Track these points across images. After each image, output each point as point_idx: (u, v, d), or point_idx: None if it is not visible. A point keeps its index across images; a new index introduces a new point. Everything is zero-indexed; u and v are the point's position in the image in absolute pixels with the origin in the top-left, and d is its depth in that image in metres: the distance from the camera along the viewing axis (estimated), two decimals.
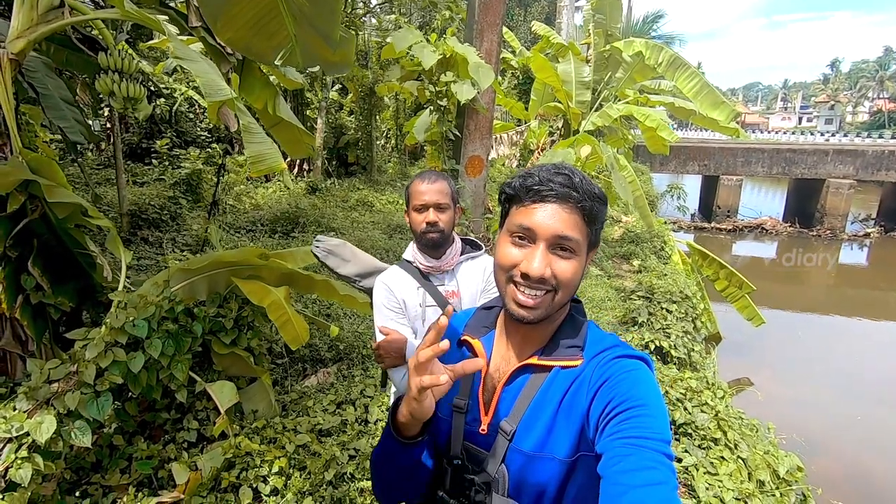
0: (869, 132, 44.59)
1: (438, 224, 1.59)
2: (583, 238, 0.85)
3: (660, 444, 0.69)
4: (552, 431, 0.85)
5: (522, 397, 0.89)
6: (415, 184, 1.64)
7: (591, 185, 0.87)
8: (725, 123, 5.57)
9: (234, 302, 2.99)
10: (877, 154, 16.25)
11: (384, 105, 12.25)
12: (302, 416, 3.04)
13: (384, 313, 1.67)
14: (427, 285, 1.67)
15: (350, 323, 4.18)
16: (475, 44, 2.69)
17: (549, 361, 0.88)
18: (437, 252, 1.66)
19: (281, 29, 1.43)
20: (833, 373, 8.15)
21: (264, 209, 7.76)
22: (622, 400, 0.75)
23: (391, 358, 1.58)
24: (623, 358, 0.83)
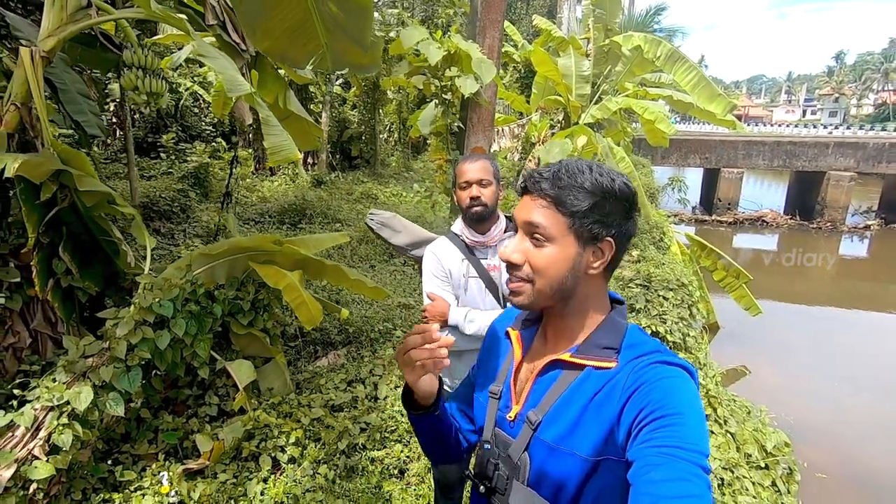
0: (872, 125, 44.40)
1: (481, 198, 1.74)
2: (555, 226, 0.86)
3: (696, 455, 0.67)
4: (577, 428, 0.84)
5: (552, 391, 0.89)
6: (460, 164, 1.80)
7: (574, 177, 0.86)
8: (722, 116, 5.69)
9: (251, 285, 3.17)
10: (878, 146, 16.32)
11: (387, 99, 12.37)
12: (315, 393, 3.22)
13: (432, 280, 1.83)
14: (471, 258, 1.82)
15: (358, 308, 4.37)
16: (478, 40, 2.83)
17: (582, 360, 0.87)
18: (483, 227, 1.79)
19: (313, 37, 1.58)
20: (829, 363, 8.30)
21: (271, 201, 7.94)
22: (656, 407, 0.73)
23: (435, 320, 1.76)
24: (661, 364, 0.80)
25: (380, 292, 3.45)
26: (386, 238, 2.24)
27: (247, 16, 1.65)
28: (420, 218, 7.43)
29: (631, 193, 0.87)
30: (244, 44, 3.42)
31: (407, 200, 9.08)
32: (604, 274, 0.90)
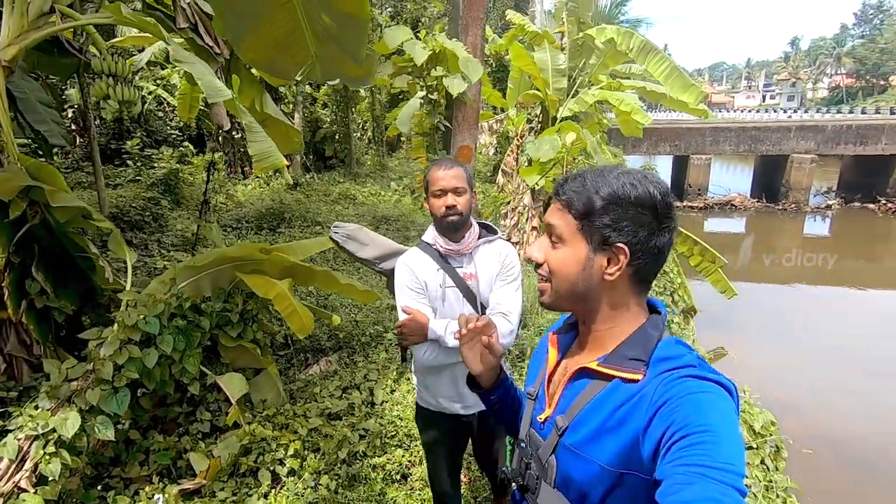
0: (829, 108, 46.20)
1: (457, 207, 1.67)
2: (566, 227, 0.89)
3: (729, 475, 0.63)
4: (598, 437, 0.84)
5: (580, 398, 0.89)
6: (432, 171, 1.72)
7: (594, 181, 0.88)
8: (695, 105, 5.82)
9: (239, 296, 3.09)
10: (836, 129, 16.99)
11: (360, 97, 12.22)
12: (310, 402, 3.16)
13: (407, 293, 1.73)
14: (446, 267, 1.75)
15: (347, 313, 4.31)
16: (461, 38, 2.81)
17: (608, 370, 0.86)
18: (457, 235, 1.73)
19: (303, 48, 1.51)
20: (800, 339, 8.63)
21: (247, 206, 7.75)
22: (685, 424, 0.70)
23: (414, 336, 1.66)
24: (692, 378, 0.76)
25: (370, 295, 3.40)
26: (352, 252, 2.12)
27: (233, 27, 1.57)
28: (403, 217, 7.39)
29: (655, 203, 0.84)
30: (217, 47, 3.32)
31: (386, 199, 9.00)
32: (632, 284, 0.88)
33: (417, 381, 1.96)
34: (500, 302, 1.73)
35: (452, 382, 1.84)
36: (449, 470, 2.02)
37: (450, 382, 1.84)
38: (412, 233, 6.93)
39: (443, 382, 1.85)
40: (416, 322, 1.65)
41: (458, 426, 1.92)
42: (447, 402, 1.86)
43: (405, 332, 1.67)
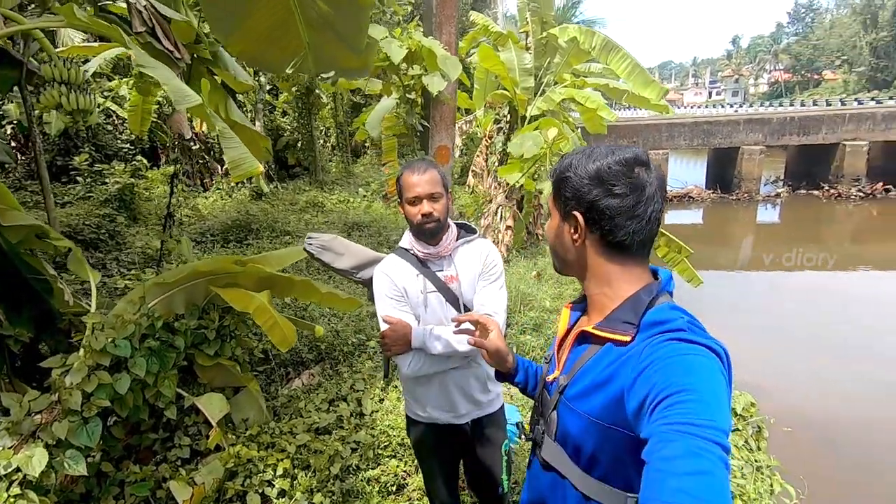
0: (770, 102, 48.80)
1: (433, 214, 1.61)
2: (550, 201, 1.05)
3: (711, 430, 0.65)
4: (588, 392, 0.92)
5: (580, 360, 0.98)
6: (405, 176, 1.64)
7: (561, 161, 1.02)
8: (656, 101, 5.98)
9: (215, 312, 2.93)
10: (781, 121, 17.92)
11: (322, 104, 12.00)
12: (296, 417, 3.04)
13: (387, 302, 1.67)
14: (426, 272, 1.69)
15: (327, 322, 4.18)
16: (436, 37, 2.77)
17: (602, 332, 0.93)
18: (435, 239, 1.68)
19: (294, 38, 1.42)
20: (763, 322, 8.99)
21: (209, 219, 7.45)
22: (666, 385, 0.72)
23: (398, 346, 1.60)
24: (678, 341, 0.79)
25: (353, 303, 3.30)
26: (328, 262, 2.06)
27: (220, 18, 1.46)
28: (375, 223, 7.27)
29: (600, 171, 0.92)
30: (178, 51, 3.16)
31: (355, 206, 8.85)
32: (605, 248, 0.96)
33: (405, 392, 1.89)
34: (485, 302, 1.68)
35: (442, 392, 1.76)
36: (445, 479, 1.95)
37: (439, 392, 1.76)
38: (386, 237, 6.83)
39: (432, 392, 1.77)
40: (398, 331, 1.59)
41: (451, 435, 1.84)
42: (438, 412, 1.78)
43: (387, 342, 1.60)
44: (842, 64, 50.69)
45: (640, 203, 0.91)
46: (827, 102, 28.35)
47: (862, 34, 46.03)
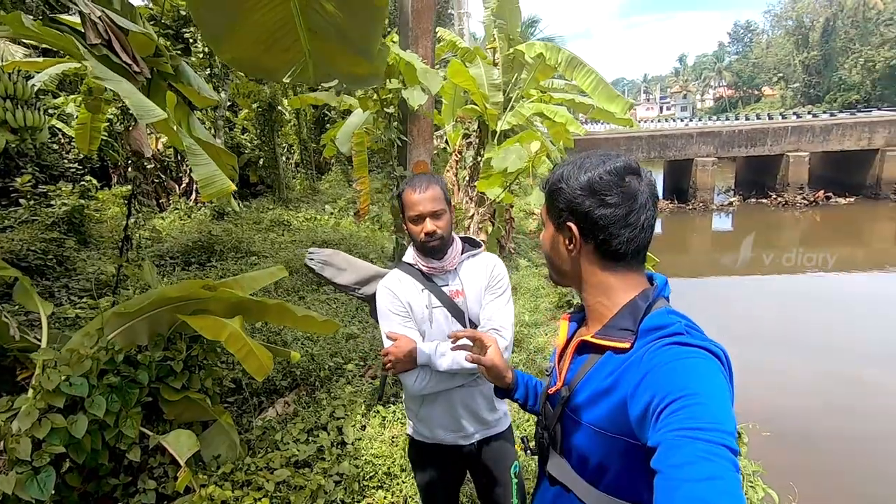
0: (717, 116, 51.54)
1: (437, 232, 1.59)
2: (544, 213, 1.05)
3: (717, 434, 0.64)
4: (592, 403, 0.91)
5: (581, 370, 0.97)
6: (406, 194, 1.61)
7: (554, 173, 1.02)
8: (621, 115, 6.13)
9: (182, 341, 2.72)
10: (730, 133, 18.91)
11: (284, 120, 11.77)
12: (272, 450, 2.84)
13: (390, 318, 1.63)
14: (431, 286, 1.66)
15: (301, 346, 3.98)
16: (413, 50, 2.73)
17: (601, 341, 0.93)
18: (440, 254, 1.65)
19: (293, 44, 1.30)
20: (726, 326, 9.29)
21: (167, 241, 7.08)
22: (670, 390, 0.72)
23: (402, 363, 1.55)
24: (676, 346, 0.79)
25: (330, 325, 3.15)
26: (329, 278, 2.02)
27: (210, 22, 1.34)
28: (344, 241, 7.10)
29: (592, 182, 0.93)
30: (136, 65, 2.98)
31: (323, 224, 8.64)
32: (599, 258, 0.96)
33: (409, 413, 1.81)
34: (492, 317, 1.64)
35: (449, 411, 1.69)
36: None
37: (446, 411, 1.69)
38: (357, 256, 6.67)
39: (437, 411, 1.70)
40: (403, 348, 1.55)
41: (457, 459, 1.77)
42: (444, 433, 1.71)
43: (392, 359, 1.55)
44: (778, 81, 54.22)
45: (633, 212, 0.92)
46: (769, 116, 30.15)
47: (795, 53, 49.44)
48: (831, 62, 45.34)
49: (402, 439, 2.91)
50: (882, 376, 6.56)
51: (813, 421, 5.48)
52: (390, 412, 3.15)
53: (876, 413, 5.74)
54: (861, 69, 39.40)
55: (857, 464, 4.82)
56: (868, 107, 33.11)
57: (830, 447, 4.97)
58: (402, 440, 2.90)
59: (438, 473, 1.80)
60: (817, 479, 4.32)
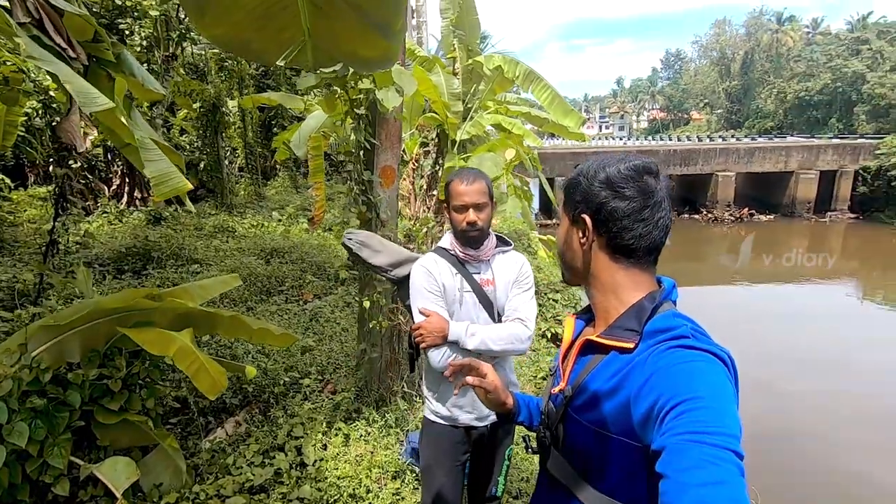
0: (652, 136, 54.84)
1: (478, 223, 1.69)
2: (561, 207, 1.05)
3: (723, 438, 0.64)
4: (594, 404, 0.90)
5: (584, 370, 0.96)
6: (454, 184, 1.71)
7: (572, 174, 1.03)
8: (575, 129, 6.29)
9: (121, 357, 2.44)
10: (666, 153, 20.12)
11: (229, 122, 11.21)
12: (223, 476, 2.60)
13: (424, 295, 1.73)
14: (464, 272, 1.76)
15: (253, 360, 3.71)
16: None
17: (605, 340, 0.92)
18: (477, 244, 1.75)
19: (294, 21, 1.14)
20: None
21: (96, 246, 6.48)
22: (675, 393, 0.71)
23: (432, 337, 1.65)
24: (681, 348, 0.79)
25: (288, 338, 2.94)
26: (365, 258, 2.05)
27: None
28: (295, 249, 6.79)
29: (609, 176, 0.93)
30: (72, 49, 2.70)
31: (270, 231, 8.24)
32: (610, 253, 0.95)
33: (428, 392, 1.89)
34: (518, 308, 1.76)
35: (468, 390, 1.72)
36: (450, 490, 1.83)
37: (465, 390, 1.69)
38: (310, 263, 6.39)
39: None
40: (436, 323, 1.66)
41: (467, 439, 1.84)
42: (460, 412, 1.81)
43: (424, 332, 1.66)
44: (704, 106, 58.55)
45: (648, 207, 0.92)
46: (698, 138, 32.40)
47: (719, 82, 53.69)
48: (750, 91, 49.59)
49: (368, 458, 2.75)
50: (788, 380, 7.13)
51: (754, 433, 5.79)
52: (354, 430, 2.98)
53: (784, 413, 6.19)
54: (775, 99, 43.30)
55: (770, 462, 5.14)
56: (781, 133, 36.41)
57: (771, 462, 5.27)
58: (367, 459, 2.74)
59: (447, 453, 1.83)
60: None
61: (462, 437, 1.83)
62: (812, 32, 50.25)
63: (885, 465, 5.32)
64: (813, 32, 50.13)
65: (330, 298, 5.42)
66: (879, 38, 36.68)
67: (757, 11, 51.56)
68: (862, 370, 7.71)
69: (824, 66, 38.09)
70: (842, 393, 6.98)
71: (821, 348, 8.60)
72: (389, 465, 2.74)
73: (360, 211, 2.86)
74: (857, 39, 37.90)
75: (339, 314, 5.05)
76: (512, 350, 1.70)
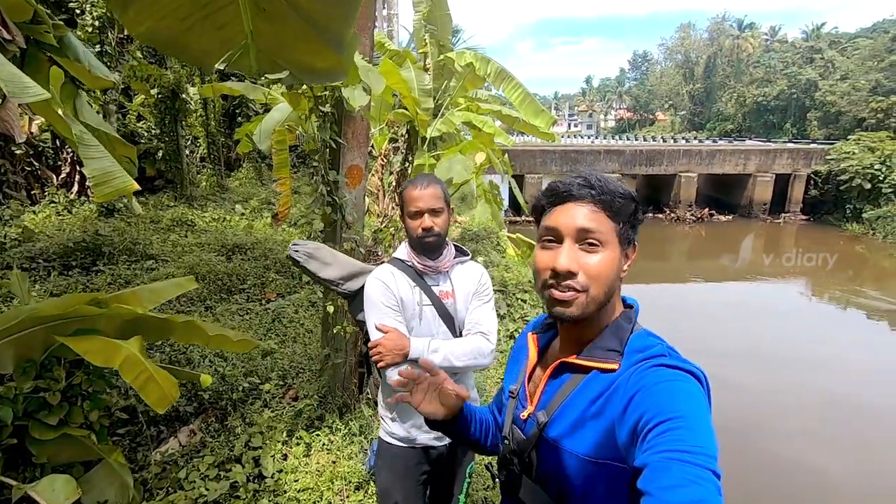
0: (619, 135, 56.05)
1: (434, 228, 1.61)
2: (608, 231, 0.88)
3: (703, 458, 0.65)
4: (577, 429, 0.87)
5: (560, 393, 0.92)
6: (408, 190, 1.64)
7: (610, 183, 0.91)
8: (545, 129, 6.30)
9: (60, 368, 2.26)
10: (632, 153, 20.58)
11: (189, 110, 10.74)
12: (175, 491, 2.47)
13: (382, 310, 1.63)
14: (422, 284, 1.68)
15: (209, 364, 3.54)
16: None
17: (586, 362, 0.89)
18: (435, 254, 1.68)
19: (234, 20, 1.03)
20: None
21: (42, 239, 6.08)
22: (657, 412, 0.72)
23: (392, 356, 1.56)
24: (663, 367, 0.80)
25: (247, 344, 2.81)
26: (314, 271, 1.95)
27: None
28: (259, 245, 6.55)
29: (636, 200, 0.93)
30: (6, 31, 2.48)
31: (233, 225, 7.95)
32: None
33: (384, 412, 1.80)
34: (479, 321, 1.70)
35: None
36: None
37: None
38: (273, 260, 6.19)
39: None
40: (395, 341, 1.57)
41: (426, 460, 1.76)
42: (419, 432, 1.72)
43: (382, 351, 1.57)
44: (669, 107, 60.21)
45: None
46: (663, 139, 33.31)
47: (683, 84, 55.27)
48: (712, 94, 51.29)
49: (330, 469, 2.66)
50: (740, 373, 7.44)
51: None
52: (316, 438, 2.88)
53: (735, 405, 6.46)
54: (735, 103, 44.96)
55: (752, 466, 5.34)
56: (740, 136, 37.87)
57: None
58: (329, 470, 2.65)
59: (404, 477, 1.74)
60: None
61: (420, 457, 1.75)
62: (770, 40, 52.35)
63: (822, 452, 5.64)
64: (771, 40, 52.23)
65: (294, 297, 5.25)
66: (831, 47, 38.58)
67: (720, 17, 53.26)
68: (807, 364, 8.12)
69: (781, 73, 39.75)
70: (788, 385, 7.35)
71: (768, 343, 9.00)
72: (352, 475, 2.65)
73: (324, 212, 2.75)
74: (811, 48, 39.71)
75: (304, 314, 4.90)
76: (475, 365, 1.65)
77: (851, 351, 8.87)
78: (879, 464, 5.55)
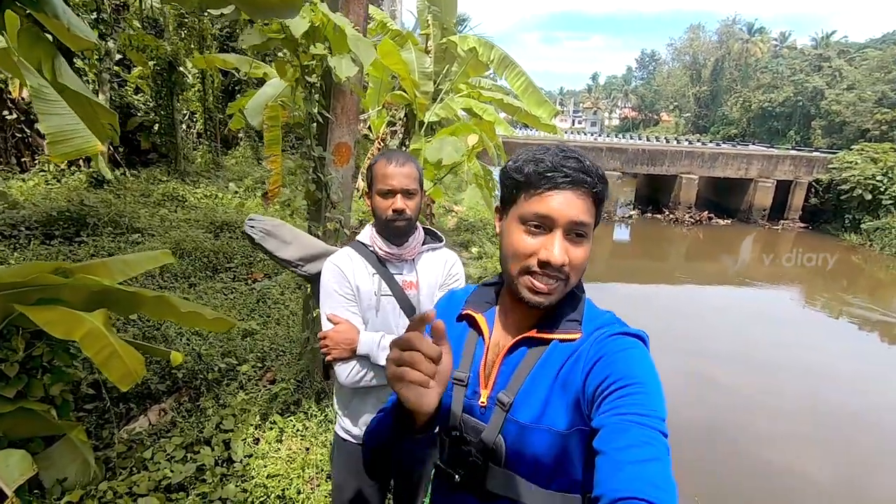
0: (622, 134, 55.80)
1: (406, 212, 1.47)
2: (593, 221, 0.88)
3: (656, 421, 0.70)
4: (549, 403, 0.85)
5: (520, 370, 0.89)
6: (380, 164, 1.47)
7: (599, 169, 0.89)
8: (547, 120, 6.18)
9: (18, 338, 2.15)
10: (634, 152, 20.39)
11: (187, 83, 10.53)
12: (138, 471, 2.37)
13: (335, 299, 1.50)
14: (383, 272, 1.53)
15: (186, 343, 3.44)
16: (342, 14, 2.37)
17: (549, 335, 0.89)
18: (401, 239, 1.53)
19: None
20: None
21: (27, 208, 5.93)
22: (618, 377, 0.76)
23: (339, 350, 1.44)
24: (620, 336, 0.84)
25: (223, 323, 2.70)
26: (271, 251, 1.80)
27: None
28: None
29: None
30: None
31: (225, 203, 7.81)
32: None
33: (338, 406, 1.67)
34: None
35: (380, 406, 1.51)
36: None
37: (377, 406, 1.54)
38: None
39: (368, 406, 1.56)
40: (344, 333, 1.44)
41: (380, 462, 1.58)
42: None
43: (330, 344, 1.44)
44: (674, 109, 59.91)
45: None
46: (666, 139, 33.14)
47: (689, 86, 54.94)
48: (717, 98, 51.01)
49: (302, 456, 2.57)
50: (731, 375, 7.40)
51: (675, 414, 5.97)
52: (290, 424, 2.79)
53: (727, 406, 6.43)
54: (740, 108, 44.73)
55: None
56: (744, 141, 37.70)
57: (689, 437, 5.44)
58: (301, 457, 2.56)
59: (359, 477, 1.62)
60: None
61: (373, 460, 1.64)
62: (779, 45, 51.99)
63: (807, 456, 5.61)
64: (780, 45, 51.87)
65: (280, 279, 5.14)
66: (840, 56, 38.35)
67: (730, 20, 52.85)
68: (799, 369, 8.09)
69: (788, 80, 39.54)
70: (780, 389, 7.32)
71: (761, 347, 8.96)
72: (325, 463, 2.56)
73: (308, 190, 2.63)
74: (819, 56, 39.47)
75: (290, 296, 4.79)
76: None
77: (843, 359, 8.84)
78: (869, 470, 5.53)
